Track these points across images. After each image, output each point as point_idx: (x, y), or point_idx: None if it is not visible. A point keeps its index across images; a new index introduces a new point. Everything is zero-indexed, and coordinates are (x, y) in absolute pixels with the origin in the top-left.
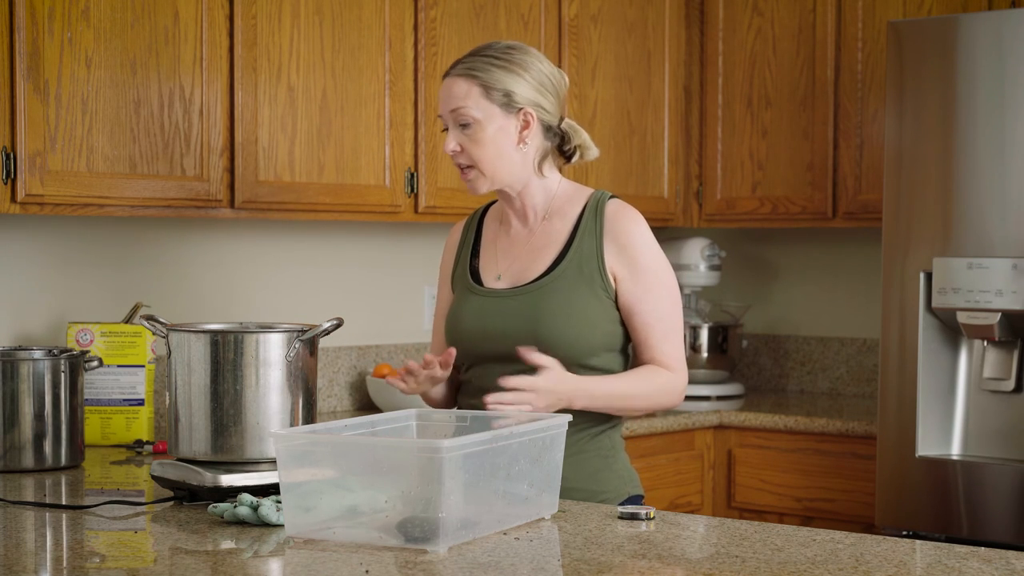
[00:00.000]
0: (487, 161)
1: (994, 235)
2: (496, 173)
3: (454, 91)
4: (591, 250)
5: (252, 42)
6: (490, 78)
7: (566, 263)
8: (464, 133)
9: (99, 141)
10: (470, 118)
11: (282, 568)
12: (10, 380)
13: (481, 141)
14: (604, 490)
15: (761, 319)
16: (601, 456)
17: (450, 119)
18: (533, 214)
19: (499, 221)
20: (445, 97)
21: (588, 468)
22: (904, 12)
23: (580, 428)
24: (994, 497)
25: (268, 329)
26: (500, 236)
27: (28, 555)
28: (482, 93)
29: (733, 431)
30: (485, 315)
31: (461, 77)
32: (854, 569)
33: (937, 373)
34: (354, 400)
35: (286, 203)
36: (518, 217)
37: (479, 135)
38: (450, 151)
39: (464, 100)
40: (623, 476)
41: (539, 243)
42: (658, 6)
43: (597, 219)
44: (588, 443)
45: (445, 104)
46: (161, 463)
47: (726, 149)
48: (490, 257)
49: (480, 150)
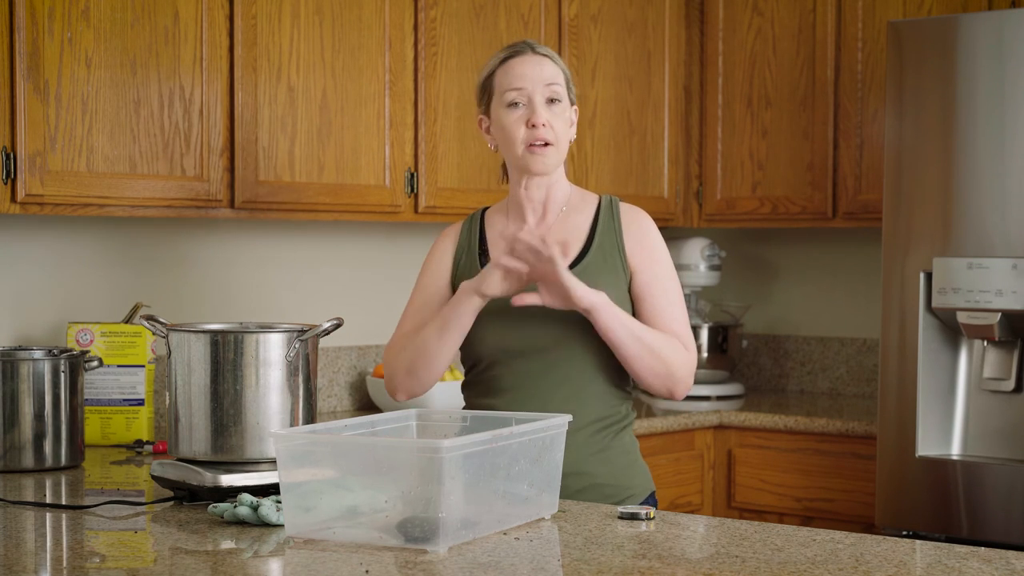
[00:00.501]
0: (563, 141)
1: (994, 235)
2: (561, 156)
3: (548, 69)
4: (612, 243)
5: (252, 42)
6: (566, 68)
7: (592, 255)
8: (551, 109)
9: (99, 141)
10: (561, 96)
11: (282, 568)
12: (10, 380)
13: (564, 120)
14: (631, 486)
15: (761, 319)
16: (625, 453)
17: (540, 94)
18: (553, 208)
19: (507, 218)
20: (534, 73)
21: (616, 465)
22: (904, 12)
23: (604, 425)
24: (994, 497)
25: (268, 329)
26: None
27: (28, 555)
28: (564, 79)
29: (733, 431)
30: (510, 310)
31: (547, 59)
32: (854, 569)
33: (937, 373)
34: (354, 400)
35: (286, 203)
36: (535, 211)
37: (563, 114)
38: (544, 121)
39: (557, 78)
40: (645, 474)
41: (559, 237)
42: (658, 6)
43: (614, 216)
44: (612, 440)
45: (535, 78)
46: (161, 463)
47: (726, 149)
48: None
49: (563, 128)
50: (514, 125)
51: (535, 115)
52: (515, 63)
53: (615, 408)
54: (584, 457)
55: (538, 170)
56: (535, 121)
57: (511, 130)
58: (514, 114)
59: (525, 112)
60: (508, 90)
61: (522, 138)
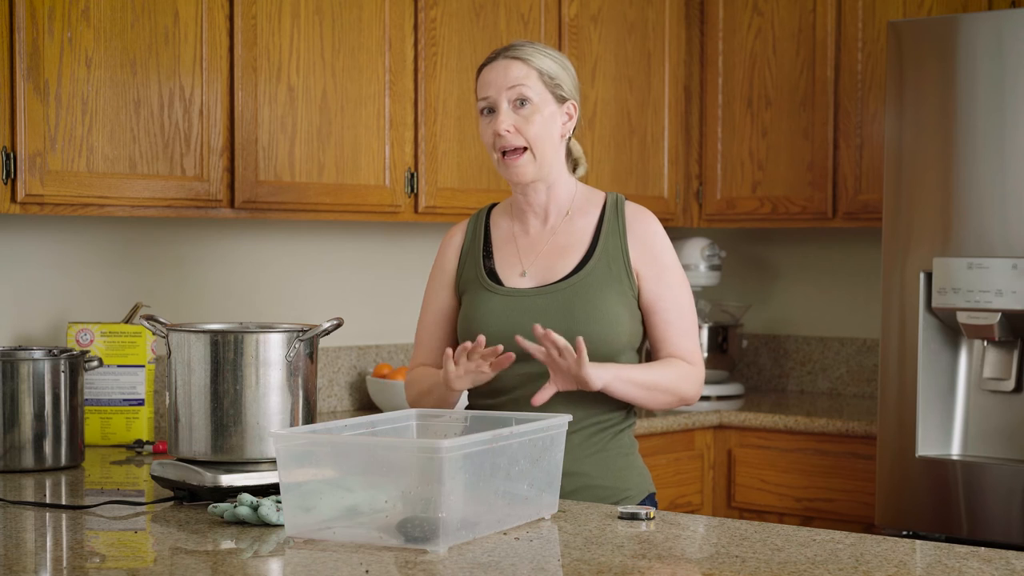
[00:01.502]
0: (540, 142)
1: (994, 235)
2: (543, 158)
3: (512, 71)
4: (616, 249)
5: (252, 42)
6: (543, 65)
7: (594, 261)
8: (519, 113)
9: (99, 141)
10: (529, 97)
11: (282, 568)
12: (10, 380)
13: (536, 122)
14: (628, 487)
15: (761, 319)
16: (623, 454)
17: (505, 98)
18: (556, 211)
19: (511, 219)
20: (498, 78)
21: (613, 466)
22: (904, 12)
23: (601, 427)
24: (994, 497)
25: (268, 329)
26: (518, 234)
27: (28, 555)
28: (539, 77)
29: (733, 431)
30: (511, 314)
31: (516, 60)
32: (854, 569)
33: (937, 373)
34: (354, 400)
35: (286, 203)
36: (537, 215)
37: (535, 116)
38: (503, 131)
39: (524, 80)
40: (643, 474)
41: (563, 241)
42: (658, 6)
43: (619, 219)
44: (610, 441)
45: (499, 84)
46: (161, 463)
47: (726, 149)
48: (509, 255)
49: (535, 130)
50: (485, 134)
51: (495, 122)
52: (485, 71)
53: (614, 410)
54: (580, 458)
55: (515, 179)
56: (496, 129)
57: (484, 139)
58: (484, 123)
59: (492, 120)
60: (479, 99)
61: (493, 146)
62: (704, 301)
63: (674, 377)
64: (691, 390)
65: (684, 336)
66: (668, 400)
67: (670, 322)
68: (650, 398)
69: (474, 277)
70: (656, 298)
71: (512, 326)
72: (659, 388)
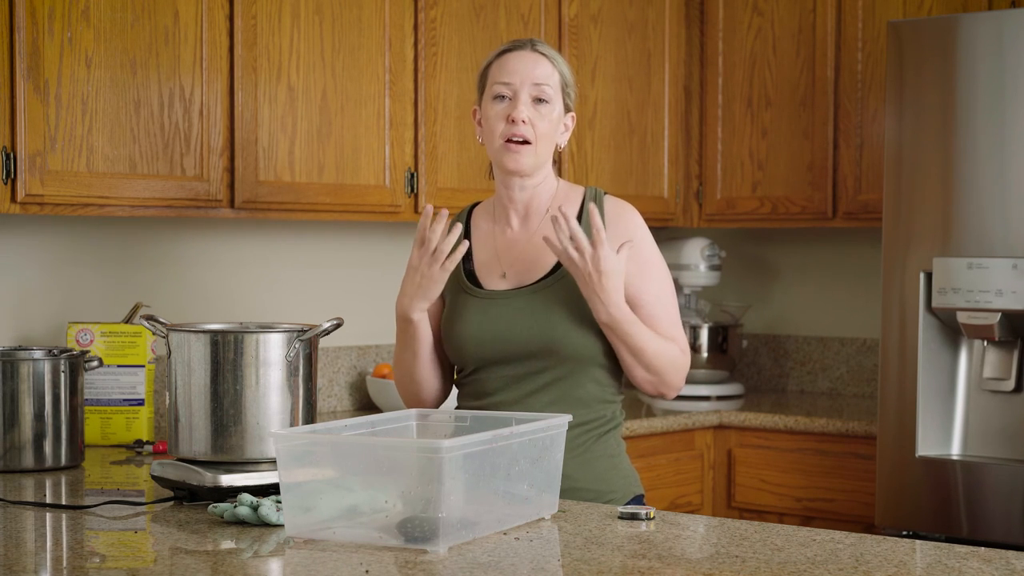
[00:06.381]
0: (545, 142)
1: (994, 235)
2: (542, 156)
3: (541, 68)
4: None
5: (252, 42)
6: (566, 72)
7: None
8: (537, 109)
9: (99, 141)
10: (549, 97)
11: (282, 568)
12: (10, 380)
13: (550, 121)
14: (612, 490)
15: (761, 319)
16: (607, 456)
17: (526, 91)
18: (537, 211)
19: (492, 220)
20: (525, 68)
21: (596, 469)
22: (904, 12)
23: (586, 429)
24: (994, 497)
25: (268, 329)
26: (497, 235)
27: (28, 555)
28: (559, 81)
29: (733, 431)
30: (489, 317)
31: (544, 58)
32: (854, 569)
33: (937, 373)
34: (354, 400)
35: (286, 203)
36: (519, 214)
37: (549, 116)
38: (524, 118)
39: (549, 79)
40: (628, 476)
41: (541, 241)
42: (658, 6)
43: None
44: (594, 444)
45: (525, 74)
46: (161, 463)
47: (726, 149)
48: (488, 257)
49: (547, 129)
50: (496, 118)
51: (515, 110)
52: (510, 57)
53: (600, 412)
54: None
55: (511, 167)
56: (514, 116)
57: (492, 122)
58: (498, 107)
59: (508, 107)
60: (497, 83)
61: (500, 132)
62: (704, 301)
63: (663, 348)
64: (675, 373)
65: (673, 327)
66: (654, 363)
67: (656, 316)
68: (637, 348)
69: (454, 280)
70: (640, 292)
71: (491, 329)
72: (647, 341)
